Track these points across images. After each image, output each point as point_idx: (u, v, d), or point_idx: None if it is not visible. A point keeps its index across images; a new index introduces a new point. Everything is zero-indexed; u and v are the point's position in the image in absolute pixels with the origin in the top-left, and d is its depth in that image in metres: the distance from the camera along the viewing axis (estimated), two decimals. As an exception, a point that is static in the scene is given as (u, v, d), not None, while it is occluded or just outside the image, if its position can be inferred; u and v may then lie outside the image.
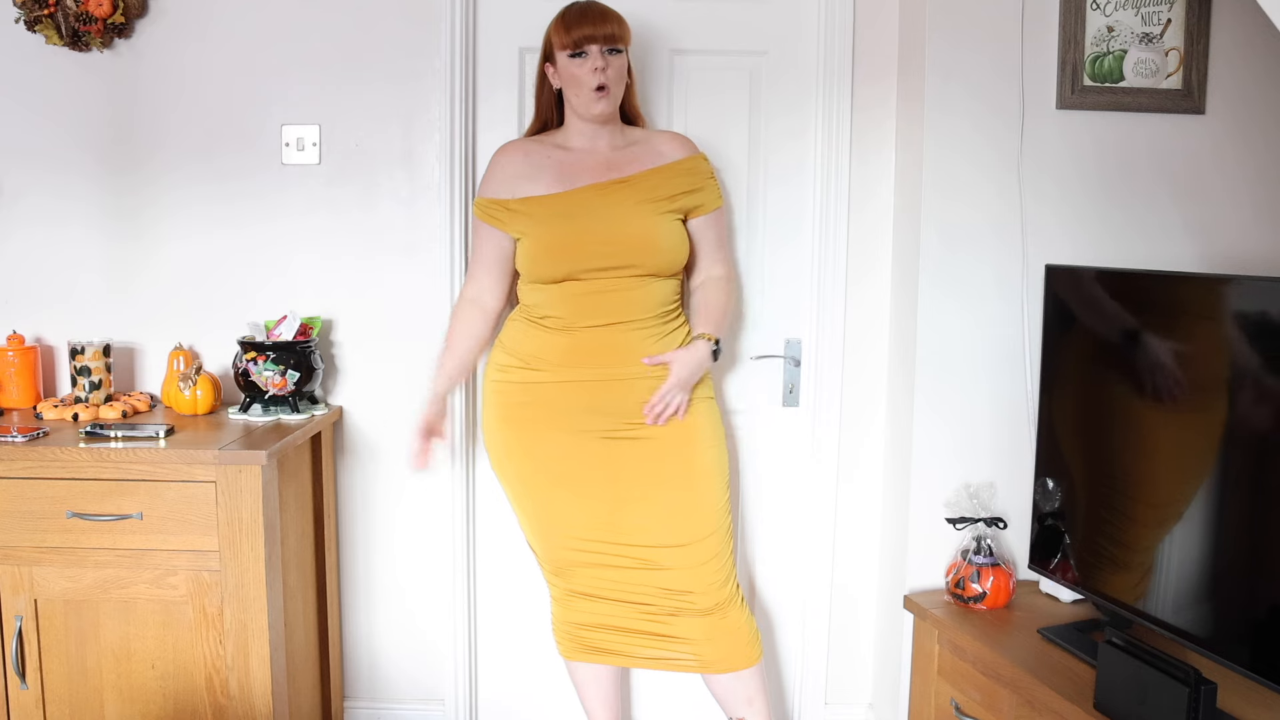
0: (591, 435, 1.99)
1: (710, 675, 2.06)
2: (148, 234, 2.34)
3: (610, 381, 1.97)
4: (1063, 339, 2.00)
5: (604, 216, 1.95)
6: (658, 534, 1.99)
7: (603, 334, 1.96)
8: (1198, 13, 2.09)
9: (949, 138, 2.11)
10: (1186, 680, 1.48)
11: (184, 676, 1.95)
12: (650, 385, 1.97)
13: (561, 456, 2.00)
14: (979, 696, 1.94)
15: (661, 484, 1.98)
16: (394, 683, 2.48)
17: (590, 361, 1.97)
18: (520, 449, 2.04)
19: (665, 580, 2.00)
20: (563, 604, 2.11)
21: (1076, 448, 1.96)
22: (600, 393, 1.97)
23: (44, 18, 2.20)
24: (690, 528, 1.98)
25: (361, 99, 2.30)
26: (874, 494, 2.42)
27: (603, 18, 1.91)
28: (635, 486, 1.99)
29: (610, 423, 1.98)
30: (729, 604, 2.02)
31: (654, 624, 2.03)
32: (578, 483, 2.00)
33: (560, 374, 1.98)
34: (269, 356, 2.15)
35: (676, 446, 1.99)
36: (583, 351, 1.97)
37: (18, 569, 1.92)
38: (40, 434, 1.97)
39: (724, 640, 2.01)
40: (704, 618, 2.00)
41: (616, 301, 1.95)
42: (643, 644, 2.05)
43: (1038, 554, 2.05)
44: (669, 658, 2.04)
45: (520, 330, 2.03)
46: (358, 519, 2.43)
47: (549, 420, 2.00)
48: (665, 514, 1.98)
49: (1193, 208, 2.15)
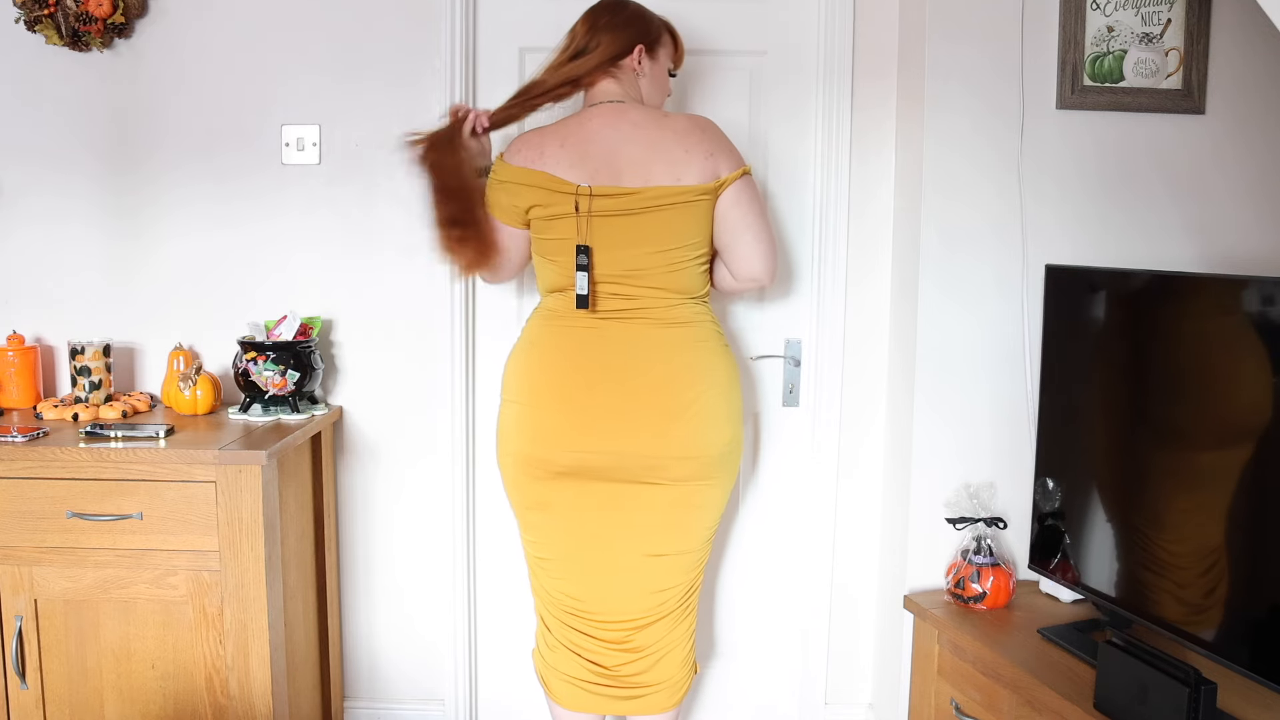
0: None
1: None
2: (148, 234, 2.34)
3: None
4: (1063, 339, 2.00)
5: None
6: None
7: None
8: (1198, 13, 2.09)
9: (949, 138, 2.11)
10: (1186, 680, 1.48)
11: (184, 676, 1.95)
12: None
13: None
14: (979, 696, 1.94)
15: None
16: (394, 683, 2.48)
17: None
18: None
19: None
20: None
21: (1077, 447, 1.96)
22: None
23: (44, 18, 2.20)
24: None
25: (361, 99, 2.30)
26: (874, 494, 2.43)
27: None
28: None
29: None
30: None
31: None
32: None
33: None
34: (269, 356, 2.15)
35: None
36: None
37: (18, 569, 1.91)
38: (40, 434, 1.97)
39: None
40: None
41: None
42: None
43: (1038, 554, 2.05)
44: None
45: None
46: (358, 519, 2.43)
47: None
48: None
49: (1193, 208, 2.15)
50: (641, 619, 1.95)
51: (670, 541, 1.93)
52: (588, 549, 1.93)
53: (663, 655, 1.98)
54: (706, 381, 1.88)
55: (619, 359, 1.85)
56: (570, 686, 2.00)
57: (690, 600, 2.01)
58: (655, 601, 1.95)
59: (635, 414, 1.84)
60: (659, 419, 1.84)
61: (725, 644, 2.50)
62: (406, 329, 2.36)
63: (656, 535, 1.92)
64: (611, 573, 1.94)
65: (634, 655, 1.97)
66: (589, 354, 1.86)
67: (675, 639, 1.99)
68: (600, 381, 1.85)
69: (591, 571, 1.94)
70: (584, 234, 1.83)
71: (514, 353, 1.97)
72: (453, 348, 2.35)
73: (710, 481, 1.92)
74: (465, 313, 2.35)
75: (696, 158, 1.84)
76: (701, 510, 1.94)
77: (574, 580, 1.96)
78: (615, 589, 1.94)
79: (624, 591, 1.94)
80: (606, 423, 1.85)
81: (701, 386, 1.87)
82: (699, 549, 1.98)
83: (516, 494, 1.97)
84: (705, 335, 1.91)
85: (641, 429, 1.84)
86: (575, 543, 1.93)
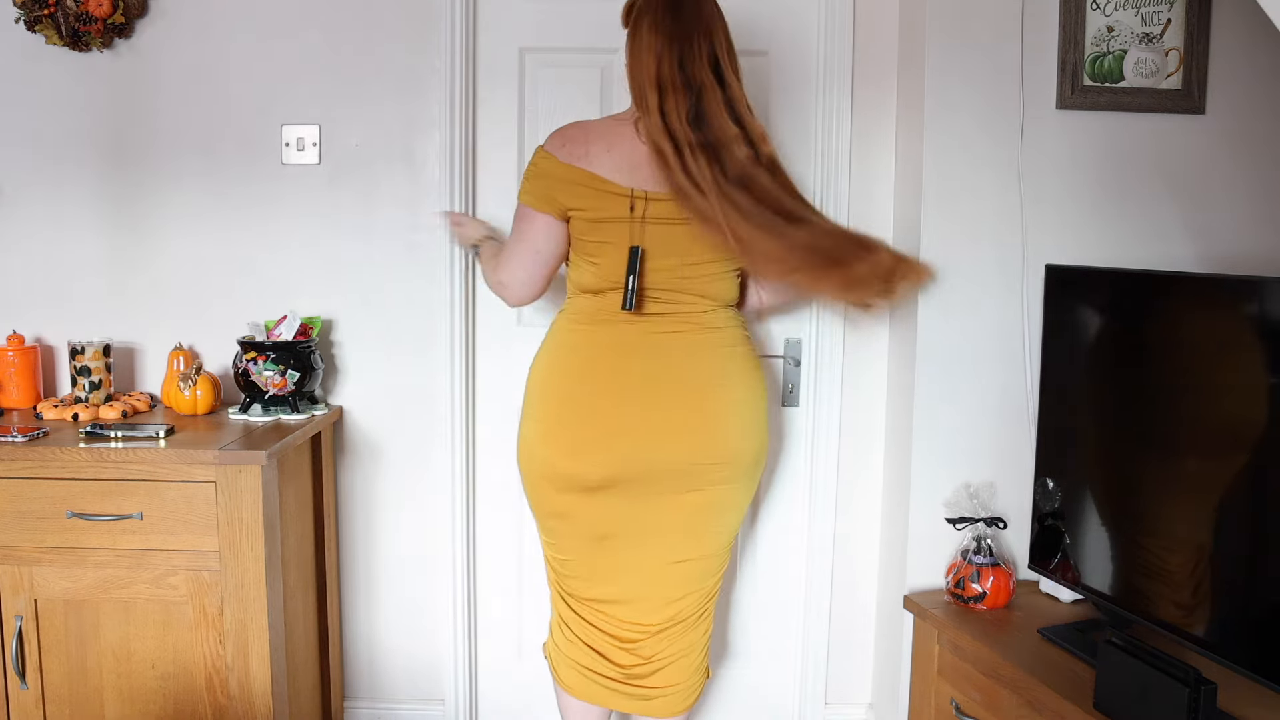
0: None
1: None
2: (148, 234, 2.34)
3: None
4: (1063, 339, 1.99)
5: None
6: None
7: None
8: (1198, 13, 2.09)
9: (949, 138, 2.11)
10: (1186, 680, 1.47)
11: (184, 676, 1.95)
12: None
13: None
14: (979, 696, 1.94)
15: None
16: (394, 683, 2.48)
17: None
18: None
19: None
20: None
21: (1077, 447, 1.96)
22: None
23: (44, 18, 2.20)
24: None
25: (361, 99, 2.30)
26: (874, 494, 2.42)
27: None
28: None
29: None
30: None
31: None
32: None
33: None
34: (269, 356, 2.15)
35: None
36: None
37: (18, 569, 1.91)
38: (40, 434, 1.97)
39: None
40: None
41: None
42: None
43: (1038, 554, 2.05)
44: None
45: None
46: (358, 519, 2.43)
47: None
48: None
49: (1193, 208, 2.15)
50: (659, 624, 1.95)
51: (693, 546, 1.92)
52: (611, 554, 1.91)
53: (676, 659, 1.98)
54: (743, 387, 1.89)
55: (657, 363, 1.84)
56: (581, 677, 1.99)
57: (708, 607, 2.01)
58: (674, 609, 1.94)
59: (671, 420, 1.83)
60: (696, 424, 1.84)
61: (726, 644, 2.50)
62: (406, 329, 2.36)
63: (680, 541, 1.91)
64: (633, 577, 1.92)
65: (647, 658, 1.97)
66: (627, 356, 1.84)
67: (690, 643, 1.99)
68: (637, 386, 1.83)
69: (612, 575, 1.93)
70: (638, 237, 1.82)
71: (542, 355, 1.93)
72: (453, 348, 2.35)
73: (738, 486, 1.92)
74: (465, 312, 2.35)
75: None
76: (726, 513, 1.93)
77: (594, 583, 1.95)
78: (636, 593, 1.93)
79: (644, 596, 1.93)
80: (642, 432, 1.83)
81: (738, 392, 1.88)
82: (720, 554, 1.97)
83: (539, 502, 1.95)
84: (738, 340, 1.91)
85: (678, 436, 1.83)
86: (599, 548, 1.92)
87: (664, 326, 1.85)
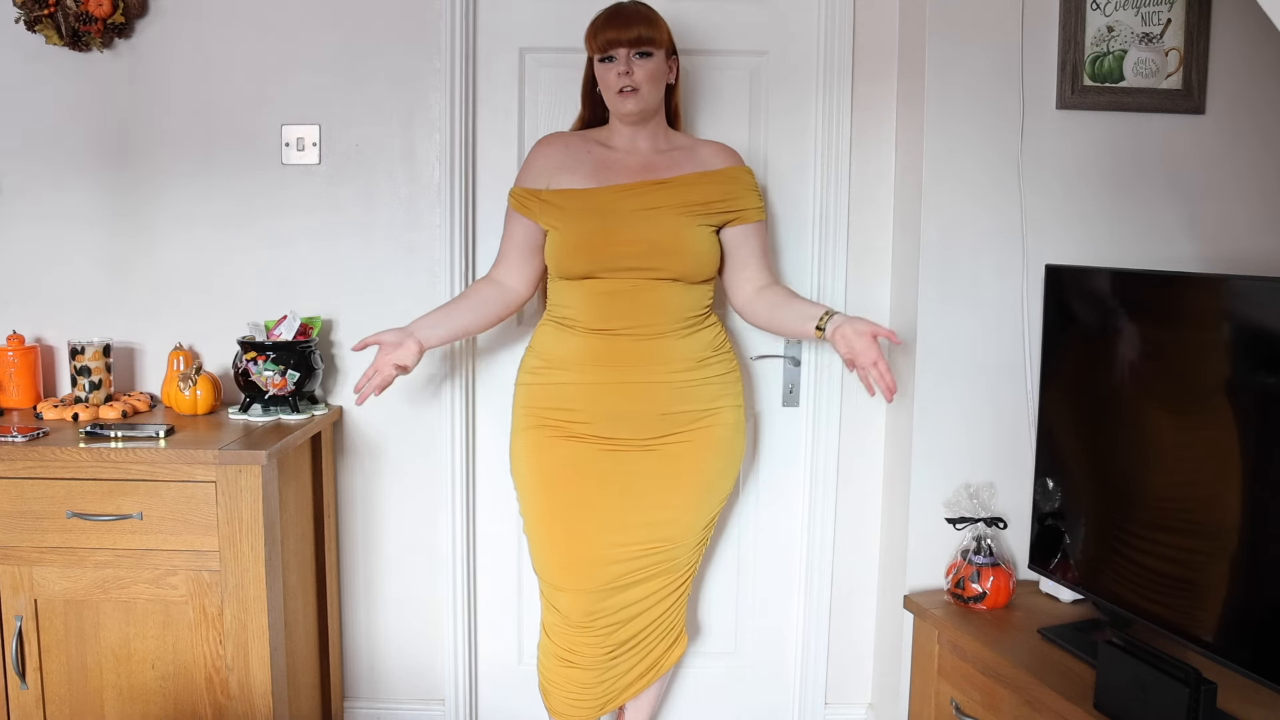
0: (609, 446, 1.98)
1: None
2: (148, 234, 2.34)
3: (634, 384, 1.96)
4: (1063, 339, 1.99)
5: (633, 216, 1.93)
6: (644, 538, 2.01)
7: (624, 336, 1.95)
8: (1198, 13, 2.09)
9: (949, 138, 2.11)
10: (1186, 680, 1.48)
11: (184, 676, 1.95)
12: (673, 391, 1.97)
13: (576, 467, 1.99)
14: (979, 696, 1.94)
15: (658, 505, 2.01)
16: (394, 683, 2.48)
17: (612, 363, 1.95)
18: (538, 456, 2.02)
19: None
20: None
21: (1077, 448, 1.96)
22: (624, 397, 1.96)
23: (44, 18, 2.20)
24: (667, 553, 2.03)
25: (361, 99, 2.30)
26: (874, 494, 2.42)
27: (629, 22, 1.92)
28: (635, 501, 2.00)
29: (631, 429, 1.97)
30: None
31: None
32: (584, 498, 1.99)
33: (585, 375, 1.97)
34: (269, 356, 2.15)
35: (688, 464, 2.01)
36: (605, 353, 1.96)
37: (18, 569, 1.92)
38: (40, 434, 1.97)
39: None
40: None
41: (638, 304, 1.94)
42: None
43: (1038, 554, 2.05)
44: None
45: (547, 332, 2.03)
46: (358, 519, 2.43)
47: (571, 425, 1.98)
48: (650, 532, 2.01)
49: (1193, 208, 2.15)
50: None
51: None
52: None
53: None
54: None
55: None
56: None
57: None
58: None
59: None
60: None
61: (726, 644, 2.50)
62: (406, 329, 2.36)
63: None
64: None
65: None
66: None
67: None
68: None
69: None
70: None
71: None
72: (453, 347, 2.35)
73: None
74: (465, 313, 2.35)
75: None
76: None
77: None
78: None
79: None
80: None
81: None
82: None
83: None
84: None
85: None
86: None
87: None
